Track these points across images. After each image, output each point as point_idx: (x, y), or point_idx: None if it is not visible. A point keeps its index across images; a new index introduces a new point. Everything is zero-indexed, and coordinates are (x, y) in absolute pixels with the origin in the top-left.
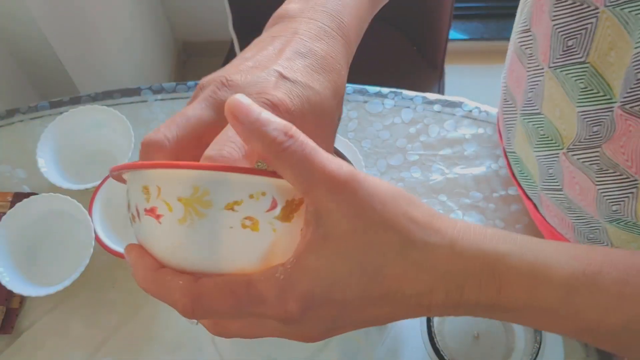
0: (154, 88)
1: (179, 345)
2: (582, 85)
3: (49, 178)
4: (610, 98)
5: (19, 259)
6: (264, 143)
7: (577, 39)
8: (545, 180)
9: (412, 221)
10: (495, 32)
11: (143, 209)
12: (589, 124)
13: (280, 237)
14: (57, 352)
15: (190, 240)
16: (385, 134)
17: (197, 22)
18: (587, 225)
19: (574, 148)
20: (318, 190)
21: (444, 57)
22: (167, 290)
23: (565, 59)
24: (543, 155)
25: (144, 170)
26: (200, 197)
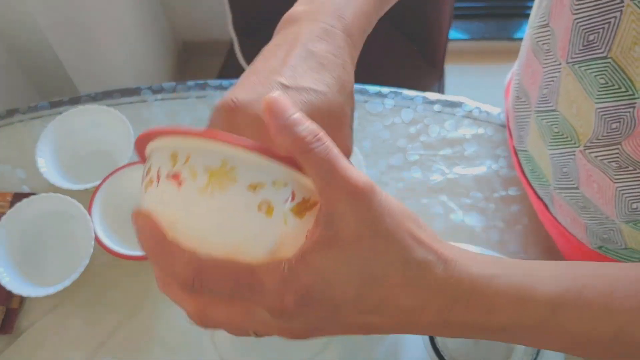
0: (154, 88)
1: (179, 345)
2: (603, 81)
3: (48, 178)
4: (633, 94)
5: (18, 259)
6: (293, 139)
7: (599, 34)
8: (560, 178)
9: (416, 240)
10: (495, 32)
11: (165, 173)
12: (607, 120)
13: (289, 231)
14: (57, 352)
15: (205, 211)
16: (385, 134)
17: (197, 22)
18: (601, 225)
19: (592, 145)
20: (335, 192)
21: (444, 57)
22: (170, 260)
23: (585, 54)
24: (558, 153)
25: (178, 137)
26: (228, 172)
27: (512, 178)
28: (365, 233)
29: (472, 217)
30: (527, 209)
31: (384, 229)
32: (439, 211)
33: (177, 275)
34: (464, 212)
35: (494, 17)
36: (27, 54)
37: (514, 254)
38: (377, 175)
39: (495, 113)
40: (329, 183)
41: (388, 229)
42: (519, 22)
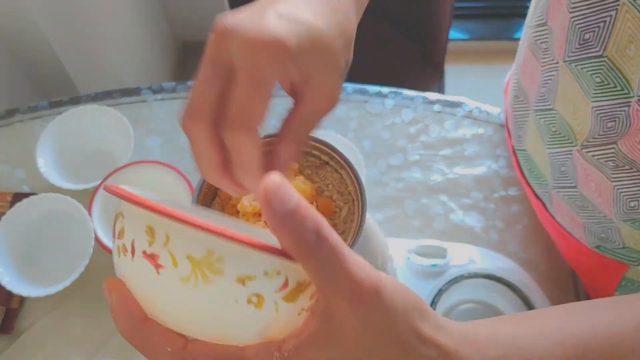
0: (154, 88)
1: None
2: (598, 80)
3: (48, 178)
4: (628, 92)
5: (18, 259)
6: (294, 240)
7: (595, 32)
8: (558, 178)
9: (418, 337)
10: (495, 32)
11: (142, 250)
12: (603, 119)
13: (281, 316)
14: (57, 353)
15: (188, 301)
16: (385, 134)
17: (197, 22)
18: (599, 224)
19: (588, 145)
20: (338, 295)
21: (444, 57)
22: (153, 350)
23: (581, 52)
24: (555, 152)
25: (154, 214)
26: (213, 263)
27: (512, 178)
28: (366, 335)
29: (472, 217)
30: (527, 209)
31: (386, 331)
32: (439, 211)
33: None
34: (464, 212)
35: (494, 17)
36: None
37: (514, 253)
38: (377, 175)
39: (495, 113)
40: (331, 285)
41: (391, 330)
42: (519, 22)
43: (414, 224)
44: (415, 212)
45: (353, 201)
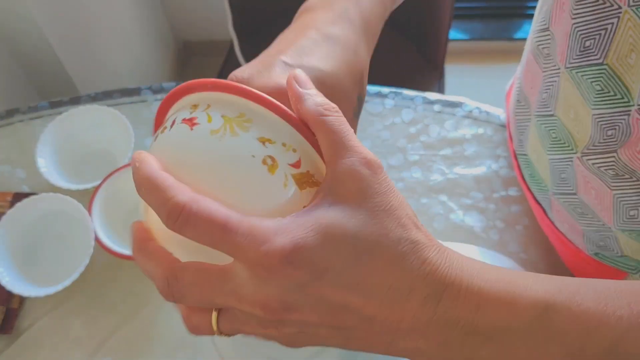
0: (154, 88)
1: (179, 345)
2: (598, 88)
3: (48, 178)
4: (628, 101)
5: (18, 259)
6: (311, 105)
7: (596, 40)
8: (558, 184)
9: (414, 223)
10: (495, 32)
11: (181, 119)
12: (603, 127)
13: (286, 199)
14: (57, 353)
15: (211, 149)
16: (385, 134)
17: (197, 22)
18: (598, 232)
19: (588, 152)
20: (344, 158)
21: (444, 57)
22: (151, 269)
23: (582, 59)
24: (556, 159)
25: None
26: (242, 122)
27: (512, 178)
28: (367, 202)
29: (472, 217)
30: (527, 209)
31: (386, 203)
32: (439, 211)
33: (155, 280)
34: (464, 212)
35: (494, 17)
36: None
37: (514, 254)
38: None
39: (495, 113)
40: (337, 151)
41: (390, 203)
42: (519, 22)
43: None
44: (416, 212)
45: None
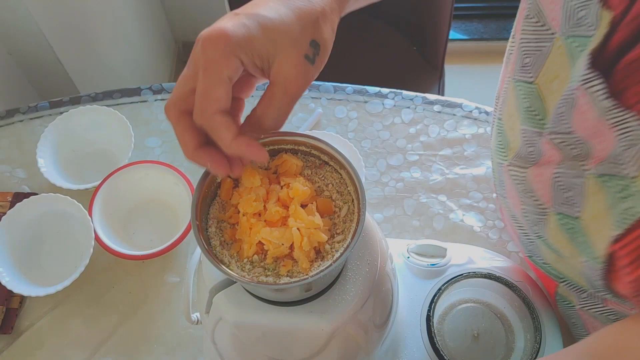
0: (154, 88)
1: (179, 345)
2: (527, 105)
3: (49, 178)
4: (545, 124)
5: (19, 259)
6: None
7: (532, 58)
8: (497, 184)
9: None
10: (495, 32)
11: None
12: (526, 143)
13: None
14: (57, 352)
15: None
16: (385, 134)
17: (197, 23)
18: (525, 237)
19: (513, 163)
20: None
21: (444, 57)
22: None
23: (521, 74)
24: (496, 162)
25: None
26: None
27: None
28: None
29: (471, 217)
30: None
31: None
32: (439, 211)
33: None
34: (463, 211)
35: (494, 18)
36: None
37: (514, 253)
38: (377, 175)
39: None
40: None
41: None
42: None
43: (414, 224)
44: (415, 212)
45: (352, 201)
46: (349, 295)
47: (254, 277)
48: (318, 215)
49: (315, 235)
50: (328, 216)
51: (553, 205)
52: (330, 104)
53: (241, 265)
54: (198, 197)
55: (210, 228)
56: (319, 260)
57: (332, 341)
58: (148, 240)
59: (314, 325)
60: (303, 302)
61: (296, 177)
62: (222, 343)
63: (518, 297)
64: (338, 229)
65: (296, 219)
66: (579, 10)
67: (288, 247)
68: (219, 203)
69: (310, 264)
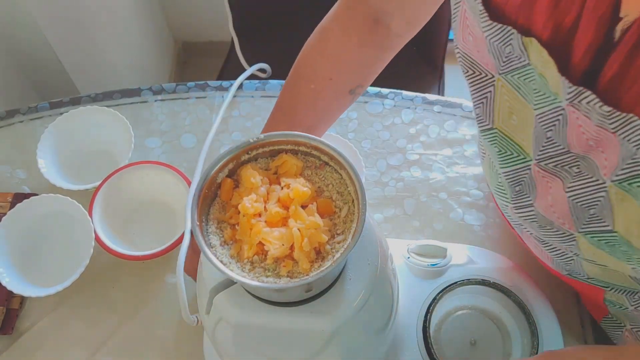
0: (154, 89)
1: (179, 345)
2: (497, 149)
3: (49, 179)
4: (525, 157)
5: (19, 260)
6: None
7: (481, 108)
8: (513, 222)
9: None
10: None
11: None
12: (510, 184)
13: None
14: (57, 353)
15: None
16: (385, 134)
17: (197, 23)
18: (561, 257)
19: (514, 205)
20: None
21: (444, 57)
22: None
23: (480, 125)
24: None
25: None
26: None
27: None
28: None
29: (472, 217)
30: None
31: None
32: (439, 210)
33: None
34: (463, 211)
35: None
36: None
37: (514, 253)
38: (377, 175)
39: None
40: None
41: None
42: None
43: (414, 224)
44: (415, 212)
45: (353, 201)
46: (349, 295)
47: (254, 278)
48: (318, 216)
49: (315, 235)
50: (328, 217)
51: (577, 229)
52: None
53: (241, 266)
54: (198, 198)
55: (211, 228)
56: (319, 260)
57: (332, 342)
58: (148, 240)
59: (314, 326)
60: (303, 302)
61: (296, 177)
62: (222, 343)
63: (514, 302)
64: (338, 229)
65: (296, 220)
66: (503, 48)
67: (288, 247)
68: (219, 204)
69: (310, 265)
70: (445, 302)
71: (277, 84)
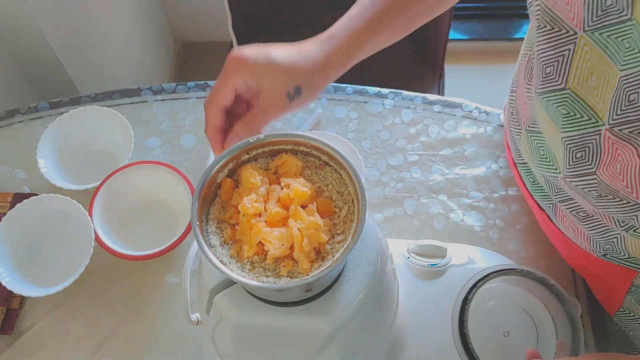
0: (154, 89)
1: (179, 345)
2: (564, 112)
3: (49, 178)
4: (596, 122)
5: (19, 260)
6: None
7: (554, 66)
8: (557, 192)
9: None
10: (495, 32)
11: None
12: (572, 149)
13: None
14: (57, 353)
15: None
16: (385, 134)
17: (197, 23)
18: (603, 235)
19: (569, 175)
20: None
21: (444, 57)
22: None
23: (545, 86)
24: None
25: None
26: None
27: (511, 178)
28: None
29: (472, 217)
30: (526, 208)
31: None
32: (439, 211)
33: None
34: (463, 211)
35: (494, 18)
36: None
37: (514, 253)
38: (377, 175)
39: (495, 113)
40: None
41: None
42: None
43: (414, 224)
44: (415, 212)
45: (353, 201)
46: (349, 295)
47: (254, 278)
48: (318, 216)
49: (315, 235)
50: (328, 217)
51: None
52: (330, 104)
53: (241, 266)
54: (198, 197)
55: (211, 228)
56: (319, 260)
57: (332, 342)
58: (148, 240)
59: (314, 326)
60: (303, 302)
61: (296, 177)
62: (222, 343)
63: (550, 292)
64: (338, 229)
65: (296, 220)
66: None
67: (288, 247)
68: (219, 204)
69: (310, 265)
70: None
71: None
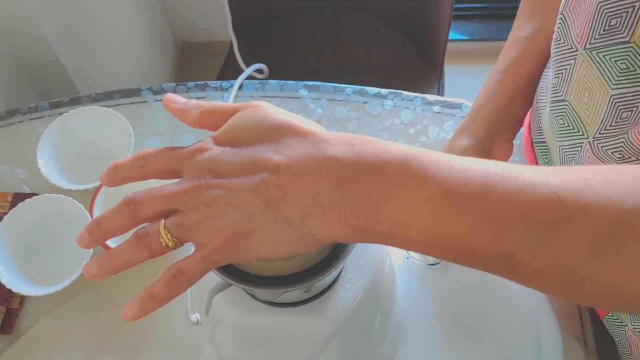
0: (154, 89)
1: (179, 345)
2: (623, 66)
3: (49, 178)
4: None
5: (19, 259)
6: None
7: (622, 18)
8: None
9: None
10: (495, 33)
11: None
12: (620, 108)
13: None
14: (57, 352)
15: None
16: (384, 135)
17: (197, 23)
18: None
19: (600, 137)
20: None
21: (444, 58)
22: None
23: (606, 39)
24: (566, 145)
25: None
26: None
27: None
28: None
29: None
30: None
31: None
32: None
33: None
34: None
35: (494, 18)
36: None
37: None
38: None
39: None
40: None
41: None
42: None
43: None
44: None
45: None
46: (348, 295)
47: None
48: None
49: None
50: None
51: None
52: (330, 105)
53: None
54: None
55: None
56: None
57: (331, 342)
58: None
59: (314, 327)
60: (302, 303)
61: None
62: (221, 344)
63: None
64: None
65: None
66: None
67: None
68: None
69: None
70: None
71: (276, 84)
